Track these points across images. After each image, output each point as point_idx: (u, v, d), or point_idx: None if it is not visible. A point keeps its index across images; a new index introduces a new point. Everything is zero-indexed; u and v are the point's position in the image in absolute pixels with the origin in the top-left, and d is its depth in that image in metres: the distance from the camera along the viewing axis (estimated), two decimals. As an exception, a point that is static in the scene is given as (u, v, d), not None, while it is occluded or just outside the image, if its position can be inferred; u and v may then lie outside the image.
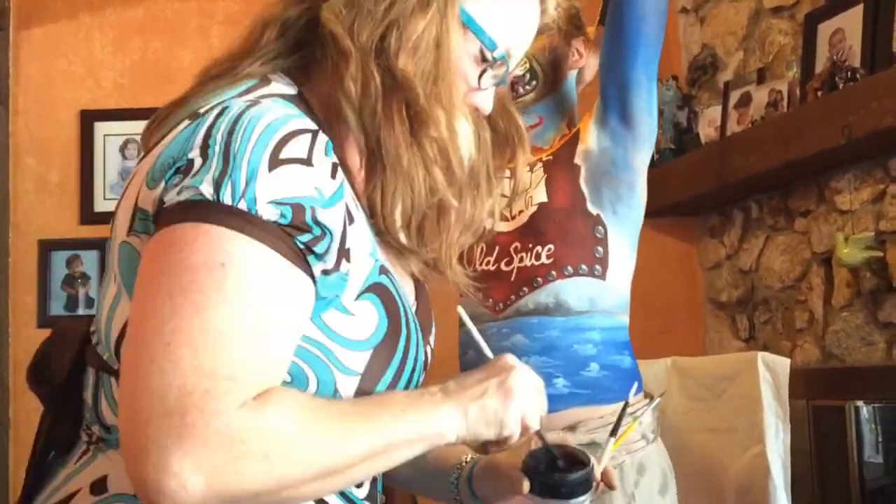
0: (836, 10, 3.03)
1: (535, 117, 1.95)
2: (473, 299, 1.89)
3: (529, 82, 1.90)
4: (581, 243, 1.81)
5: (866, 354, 2.88)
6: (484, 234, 1.18)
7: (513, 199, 1.86)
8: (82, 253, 4.23)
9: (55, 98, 4.31)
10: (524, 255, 1.84)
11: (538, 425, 1.10)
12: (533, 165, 1.91)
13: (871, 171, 2.86)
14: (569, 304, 1.79)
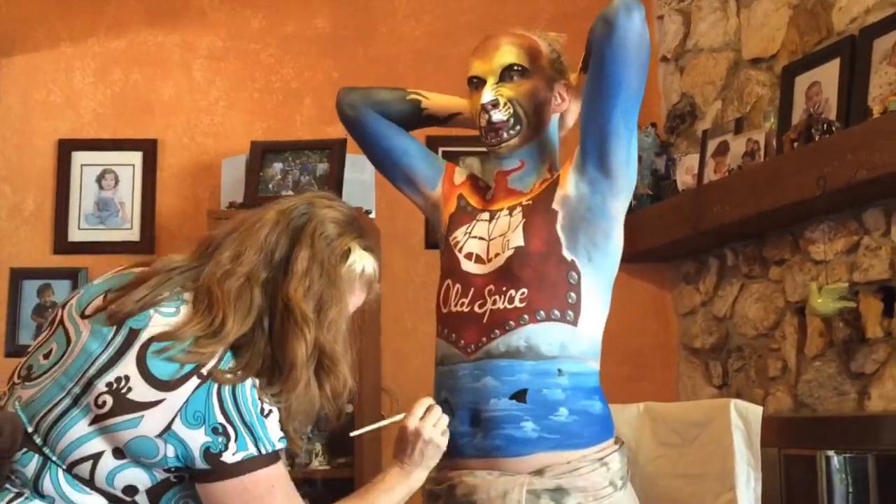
0: (813, 63, 3.08)
1: (517, 161, 1.95)
2: (445, 341, 1.89)
3: (513, 127, 1.91)
4: (554, 288, 1.81)
5: (838, 404, 2.89)
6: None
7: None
8: (54, 282, 4.19)
9: (33, 126, 4.30)
10: (497, 298, 1.83)
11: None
12: (513, 209, 1.91)
13: (845, 222, 2.89)
14: (540, 348, 1.79)
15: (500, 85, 1.91)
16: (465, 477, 1.80)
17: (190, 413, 1.48)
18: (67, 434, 1.50)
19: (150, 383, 1.48)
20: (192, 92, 4.34)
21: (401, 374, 4.03)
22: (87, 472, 1.50)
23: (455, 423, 1.82)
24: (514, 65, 1.92)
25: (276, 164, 3.98)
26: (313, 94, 4.35)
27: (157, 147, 4.29)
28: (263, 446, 1.52)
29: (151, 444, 1.48)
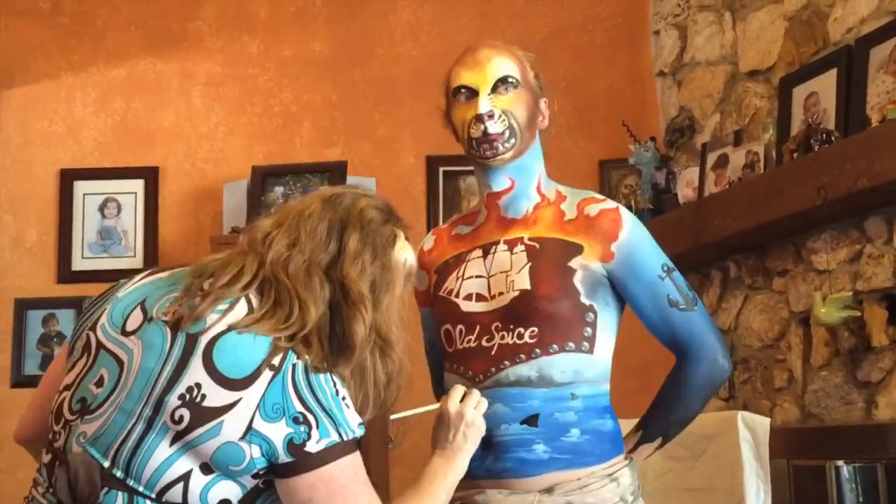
0: (810, 74, 3.09)
1: (507, 180, 1.90)
2: (454, 374, 1.87)
3: (508, 140, 1.85)
4: (569, 327, 1.79)
5: (845, 414, 2.88)
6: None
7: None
8: (58, 312, 4.19)
9: (35, 156, 4.31)
10: (506, 334, 1.81)
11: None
12: (512, 245, 1.87)
13: (847, 231, 2.89)
14: (553, 377, 1.77)
15: (494, 96, 1.86)
16: (475, 496, 1.80)
17: (269, 407, 1.42)
18: (151, 460, 1.42)
19: (223, 385, 1.42)
20: (191, 118, 4.36)
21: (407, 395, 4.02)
22: (180, 495, 1.43)
23: None
24: (508, 76, 1.87)
25: (278, 188, 3.99)
26: (312, 116, 4.36)
27: (159, 174, 4.31)
28: (345, 432, 1.47)
29: (237, 450, 1.42)
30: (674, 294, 1.84)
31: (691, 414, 1.88)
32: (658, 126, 4.11)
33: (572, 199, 1.91)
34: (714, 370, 1.85)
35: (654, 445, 1.89)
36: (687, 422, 1.89)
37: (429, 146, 4.24)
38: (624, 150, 3.90)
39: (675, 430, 1.90)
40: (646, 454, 1.90)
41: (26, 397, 4.62)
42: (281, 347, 1.45)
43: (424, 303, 2.05)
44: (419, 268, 2.04)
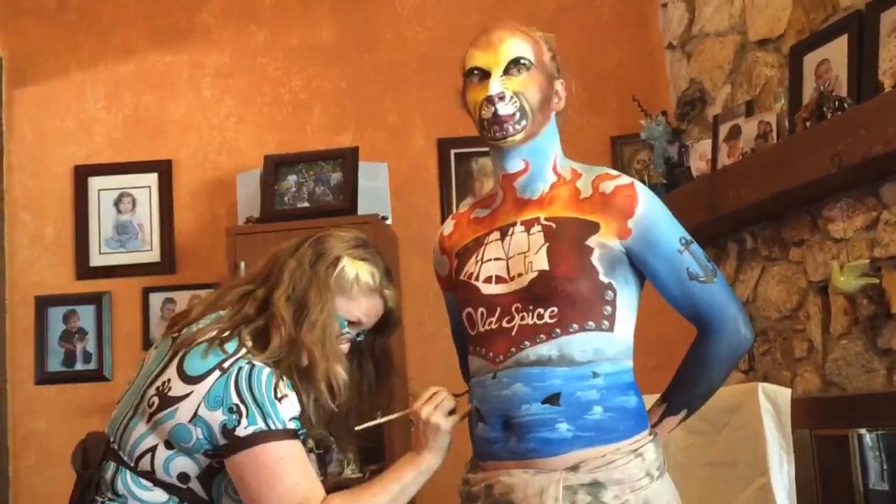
0: (821, 41, 3.06)
1: (521, 162, 1.90)
2: (476, 356, 1.88)
3: (519, 121, 1.85)
4: (589, 306, 1.79)
5: (867, 382, 2.87)
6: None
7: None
8: (79, 308, 4.22)
9: (49, 154, 4.34)
10: (525, 315, 1.80)
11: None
12: (529, 226, 1.87)
13: (863, 198, 2.87)
14: (573, 356, 1.77)
15: (505, 78, 1.86)
16: (501, 476, 1.80)
17: (212, 398, 1.78)
18: (132, 435, 1.83)
19: (183, 381, 1.80)
20: (202, 110, 4.37)
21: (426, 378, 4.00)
22: (149, 464, 1.81)
23: (487, 430, 1.82)
24: (520, 58, 1.87)
25: (291, 177, 4.00)
26: (322, 103, 4.37)
27: (172, 167, 4.32)
28: (273, 422, 1.78)
29: (186, 430, 1.78)
30: (693, 267, 1.84)
31: (715, 385, 1.88)
32: (669, 100, 4.09)
33: (587, 177, 1.90)
34: (737, 340, 1.85)
35: (678, 418, 1.90)
36: (711, 393, 1.89)
37: (439, 129, 4.24)
38: (635, 126, 3.88)
39: (699, 402, 1.90)
40: (670, 427, 1.91)
41: (50, 394, 4.71)
42: (232, 356, 1.81)
43: (447, 287, 2.06)
44: (440, 253, 2.05)
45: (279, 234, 3.82)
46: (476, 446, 1.89)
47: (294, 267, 1.94)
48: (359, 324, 1.99)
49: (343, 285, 1.93)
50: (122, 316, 4.24)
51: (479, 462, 1.88)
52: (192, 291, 4.23)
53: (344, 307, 1.95)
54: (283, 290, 1.90)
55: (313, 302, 1.89)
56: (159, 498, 1.81)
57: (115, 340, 4.22)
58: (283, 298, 1.89)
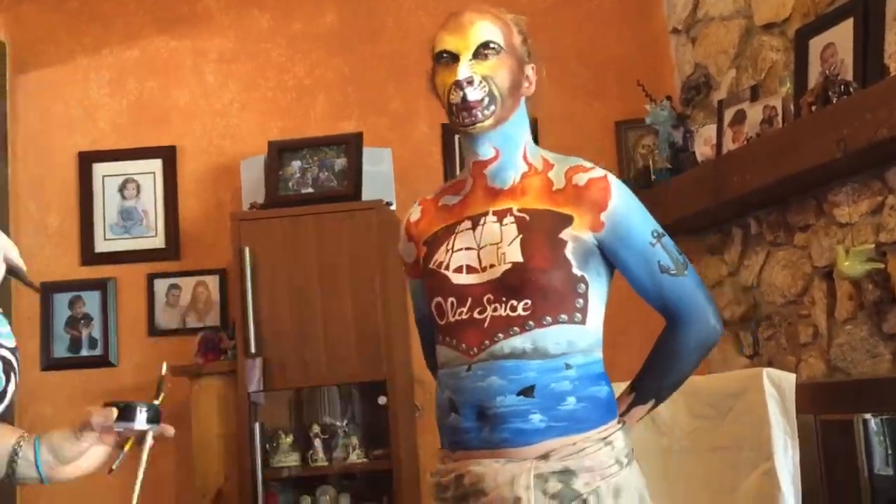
0: (826, 24, 3.05)
1: (492, 149, 1.88)
2: (446, 347, 1.87)
3: (488, 107, 1.83)
4: (562, 298, 1.79)
5: (872, 367, 2.87)
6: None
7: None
8: (84, 294, 4.23)
9: (53, 141, 4.33)
10: (498, 306, 1.80)
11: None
12: (501, 216, 1.86)
13: (868, 182, 2.87)
14: (547, 348, 1.77)
15: (474, 62, 1.84)
16: (471, 466, 1.80)
17: None
18: None
19: None
20: (206, 96, 4.37)
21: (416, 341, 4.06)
22: None
23: (460, 420, 1.81)
24: (490, 42, 1.84)
25: (295, 163, 4.00)
26: (326, 90, 4.36)
27: (176, 153, 4.32)
28: None
29: None
30: (664, 260, 1.85)
31: (683, 375, 1.89)
32: (673, 84, 4.08)
33: (560, 168, 1.89)
34: (706, 332, 1.86)
35: (646, 407, 1.90)
36: (679, 383, 1.90)
37: (443, 115, 4.16)
38: (640, 111, 3.88)
39: (667, 392, 1.91)
40: (638, 416, 1.91)
41: (56, 381, 4.73)
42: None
43: (413, 274, 2.05)
44: (406, 240, 2.05)
45: (283, 220, 3.83)
46: (447, 436, 1.87)
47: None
48: None
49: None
50: (127, 302, 4.25)
51: (449, 453, 1.87)
52: (197, 277, 4.23)
53: None
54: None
55: None
56: None
57: (121, 326, 4.23)
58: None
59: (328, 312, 3.75)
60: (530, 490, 1.73)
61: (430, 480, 1.91)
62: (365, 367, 3.73)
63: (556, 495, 1.73)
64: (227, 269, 4.16)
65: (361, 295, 3.76)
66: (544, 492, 1.73)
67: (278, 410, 3.98)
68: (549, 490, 1.73)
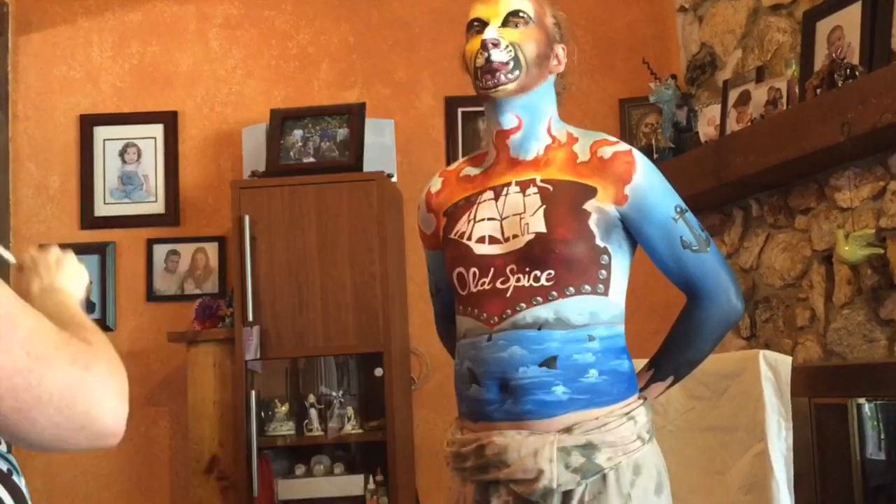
0: (834, 7, 3.03)
1: (514, 118, 1.88)
2: (467, 317, 1.86)
3: (512, 71, 1.83)
4: (585, 269, 1.80)
5: (868, 352, 2.88)
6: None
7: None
8: (83, 257, 4.18)
9: (54, 103, 4.32)
10: (521, 276, 1.80)
11: None
12: (525, 187, 1.86)
13: (871, 168, 2.86)
14: (570, 319, 1.77)
15: (503, 29, 1.85)
16: (494, 437, 1.80)
17: None
18: None
19: None
20: (209, 62, 4.35)
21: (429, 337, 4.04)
22: None
23: (482, 392, 1.81)
24: (519, 11, 1.86)
25: (297, 132, 3.98)
26: (330, 59, 4.34)
27: (178, 119, 4.31)
28: None
29: None
30: (687, 235, 1.85)
31: (703, 353, 1.89)
32: (679, 63, 4.06)
33: (585, 141, 1.89)
34: (727, 310, 1.86)
35: (665, 384, 1.91)
36: (699, 361, 1.90)
37: (448, 87, 4.21)
38: (644, 89, 3.86)
39: (686, 370, 1.91)
40: (657, 392, 1.92)
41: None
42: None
43: (431, 245, 2.05)
44: (426, 210, 2.04)
45: (284, 189, 3.83)
46: (468, 407, 1.87)
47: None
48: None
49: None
50: (125, 266, 4.25)
51: (470, 422, 1.87)
52: (196, 244, 4.23)
53: None
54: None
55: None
56: None
57: (119, 291, 4.23)
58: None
59: (326, 283, 3.75)
60: (553, 463, 1.74)
61: (446, 450, 1.91)
62: (362, 339, 3.74)
63: (578, 469, 1.74)
64: (226, 237, 4.16)
65: (360, 266, 3.76)
66: (567, 465, 1.74)
67: (274, 379, 3.99)
68: (571, 463, 1.74)
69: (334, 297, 3.75)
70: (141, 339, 4.16)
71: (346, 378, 3.99)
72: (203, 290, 4.20)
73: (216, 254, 4.22)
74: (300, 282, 3.75)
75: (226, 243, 4.18)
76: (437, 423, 4.07)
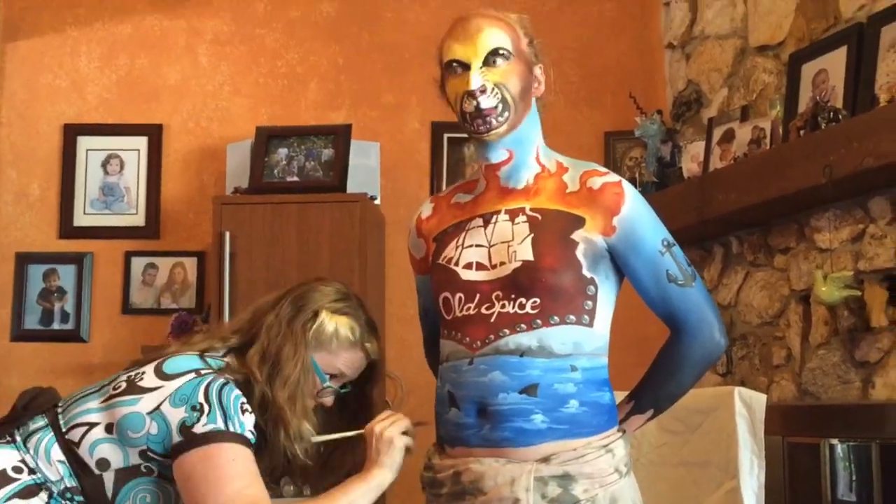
0: (820, 51, 3.06)
1: (505, 152, 1.88)
2: (451, 341, 1.86)
3: (501, 114, 1.83)
4: (571, 299, 1.80)
5: (842, 392, 2.89)
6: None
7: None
8: (59, 267, 4.20)
9: (39, 111, 4.30)
10: (506, 303, 1.80)
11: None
12: (514, 215, 1.86)
13: (851, 210, 2.88)
14: (552, 348, 1.77)
15: (486, 69, 1.83)
16: (470, 464, 1.79)
17: (178, 396, 1.80)
18: (80, 407, 1.83)
19: (157, 376, 1.84)
20: (197, 77, 4.34)
21: (405, 360, 4.02)
22: (79, 437, 1.80)
23: (460, 415, 1.81)
24: (499, 49, 1.84)
25: (282, 150, 3.98)
26: (318, 79, 4.35)
27: (163, 132, 4.30)
28: (232, 425, 1.77)
29: (140, 420, 1.78)
30: (673, 269, 1.85)
31: (684, 388, 1.89)
32: (665, 99, 4.09)
33: (574, 171, 1.90)
34: (710, 346, 1.86)
35: (644, 417, 1.90)
36: (679, 396, 1.90)
37: (434, 112, 4.22)
38: (630, 122, 3.88)
39: (666, 404, 1.91)
40: (636, 426, 1.91)
41: (26, 351, 4.68)
42: (211, 370, 1.86)
43: (421, 270, 2.06)
44: (416, 235, 2.05)
45: (266, 207, 3.82)
46: (445, 431, 1.87)
47: (271, 323, 1.96)
48: (341, 376, 2.02)
49: (322, 339, 1.96)
50: (102, 278, 4.22)
51: (447, 448, 1.87)
52: (175, 258, 4.21)
53: (325, 361, 1.97)
54: (257, 347, 1.93)
55: (287, 358, 1.91)
56: (54, 474, 1.78)
57: (95, 302, 4.20)
58: (256, 356, 1.92)
59: (305, 302, 3.73)
60: (530, 493, 1.73)
61: (423, 475, 1.91)
62: (338, 360, 3.71)
63: (554, 500, 1.74)
64: (205, 252, 4.14)
65: (339, 287, 3.74)
66: (543, 495, 1.74)
67: (248, 397, 3.96)
68: (548, 494, 1.74)
69: (312, 317, 3.72)
70: (115, 352, 4.12)
71: (321, 399, 3.96)
72: (179, 304, 4.18)
73: (194, 269, 4.20)
74: (278, 300, 3.73)
75: (205, 258, 4.16)
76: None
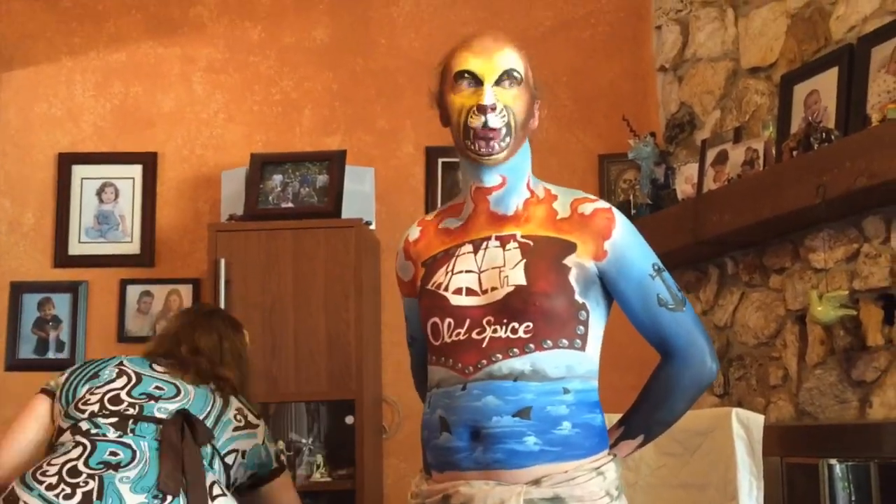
0: (812, 72, 3.08)
1: (499, 178, 1.87)
2: (441, 367, 1.85)
3: (504, 138, 1.82)
4: (564, 324, 1.79)
5: (839, 412, 2.88)
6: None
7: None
8: (54, 296, 4.19)
9: (33, 140, 4.30)
10: (498, 328, 1.79)
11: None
12: (504, 242, 1.85)
13: (845, 230, 2.89)
14: (546, 371, 1.77)
15: (498, 88, 1.83)
16: (460, 487, 1.78)
17: (268, 433, 2.63)
18: (224, 435, 2.49)
19: (253, 414, 2.59)
20: (191, 104, 4.35)
21: (401, 384, 4.01)
22: (233, 460, 2.49)
23: (452, 439, 1.80)
24: (513, 70, 1.84)
25: (276, 177, 3.98)
26: (313, 105, 4.36)
27: (157, 160, 4.30)
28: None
29: (260, 450, 2.55)
30: (663, 293, 1.85)
31: (676, 414, 1.88)
32: (658, 121, 4.11)
33: (564, 199, 1.90)
34: (701, 371, 1.86)
35: (635, 443, 1.90)
36: (671, 422, 1.89)
37: (429, 137, 4.24)
38: (623, 145, 3.89)
39: (658, 429, 1.90)
40: (626, 451, 1.91)
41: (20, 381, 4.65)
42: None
43: (408, 292, 2.05)
44: (404, 258, 2.04)
45: (261, 233, 3.82)
46: (434, 456, 1.85)
47: None
48: None
49: None
50: (98, 306, 4.21)
51: (436, 472, 1.85)
52: (171, 286, 4.20)
53: None
54: None
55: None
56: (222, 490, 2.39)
57: (90, 330, 4.19)
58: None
59: (300, 328, 3.73)
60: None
61: (410, 502, 1.89)
62: (334, 386, 3.71)
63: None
64: (201, 280, 4.14)
65: (334, 313, 3.74)
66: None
67: (244, 424, 3.94)
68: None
69: (308, 343, 3.73)
70: (110, 380, 4.10)
71: (317, 425, 3.95)
72: (175, 332, 4.16)
73: (190, 296, 4.19)
74: (274, 326, 3.73)
75: (200, 286, 4.16)
76: (408, 472, 4.02)
